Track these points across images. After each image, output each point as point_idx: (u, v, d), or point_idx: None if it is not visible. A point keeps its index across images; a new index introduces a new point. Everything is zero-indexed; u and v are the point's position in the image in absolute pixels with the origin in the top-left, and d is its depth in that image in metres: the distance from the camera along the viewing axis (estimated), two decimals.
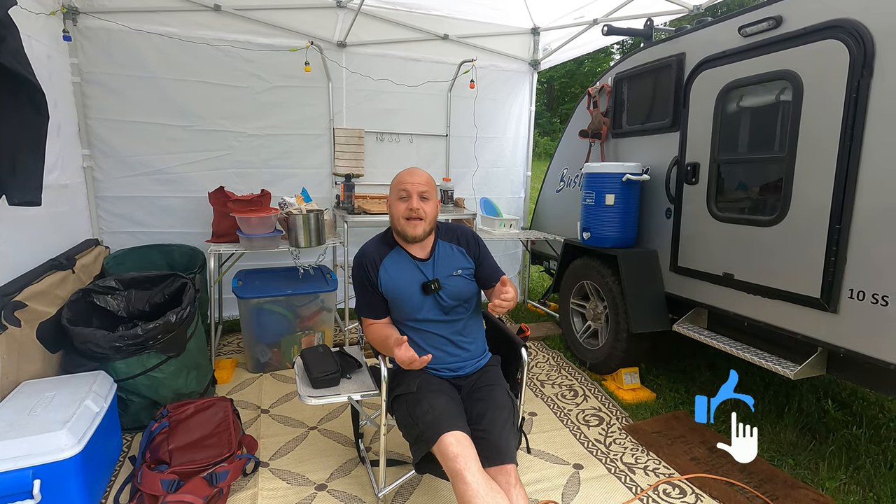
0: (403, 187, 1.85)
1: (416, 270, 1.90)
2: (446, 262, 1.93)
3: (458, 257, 1.96)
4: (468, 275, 1.95)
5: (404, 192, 1.85)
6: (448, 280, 1.90)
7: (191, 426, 2.20)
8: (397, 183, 1.89)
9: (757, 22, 2.39)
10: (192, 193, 3.68)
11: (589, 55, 15.55)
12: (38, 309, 2.26)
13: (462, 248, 1.98)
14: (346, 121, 4.11)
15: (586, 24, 4.13)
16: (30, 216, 2.37)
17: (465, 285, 1.93)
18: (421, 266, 1.91)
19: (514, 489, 1.58)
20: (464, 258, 1.97)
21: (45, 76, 2.75)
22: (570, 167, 4.08)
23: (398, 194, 1.87)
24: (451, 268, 1.92)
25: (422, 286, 1.87)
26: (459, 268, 1.93)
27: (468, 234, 2.03)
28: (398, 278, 1.89)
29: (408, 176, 1.88)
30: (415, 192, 1.84)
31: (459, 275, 1.93)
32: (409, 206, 1.83)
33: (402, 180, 1.87)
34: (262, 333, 3.23)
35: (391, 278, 1.89)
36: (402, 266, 1.91)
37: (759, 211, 2.49)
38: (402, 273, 1.90)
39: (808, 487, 2.21)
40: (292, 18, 3.75)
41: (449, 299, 1.89)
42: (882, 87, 1.96)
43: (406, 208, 1.84)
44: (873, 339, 2.02)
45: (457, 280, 1.91)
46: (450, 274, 1.91)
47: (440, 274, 1.90)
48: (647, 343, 3.12)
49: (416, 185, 1.85)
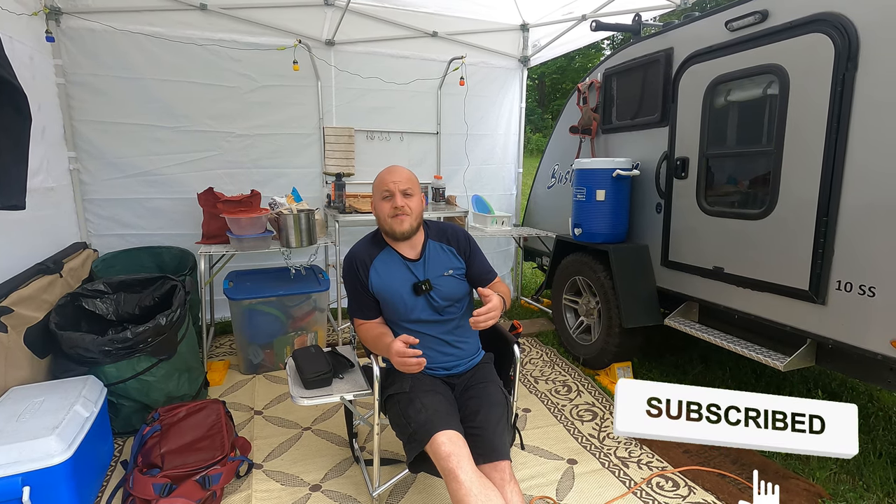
0: (386, 187, 1.86)
1: (406, 271, 1.90)
2: (437, 263, 1.93)
3: (448, 257, 1.95)
4: (459, 275, 1.95)
5: (387, 192, 1.85)
6: (439, 280, 1.89)
7: (183, 429, 2.19)
8: (379, 183, 1.89)
9: (743, 16, 2.41)
10: (181, 195, 3.65)
11: (579, 51, 15.61)
12: (25, 314, 2.23)
13: (452, 248, 1.97)
14: (335, 119, 4.09)
15: (575, 19, 4.13)
16: (15, 220, 2.34)
17: (456, 285, 1.93)
18: (411, 266, 1.90)
19: (508, 485, 1.58)
20: (454, 258, 1.96)
21: (29, 78, 2.71)
22: (561, 163, 4.08)
23: (381, 195, 1.87)
24: (442, 268, 1.92)
25: (413, 287, 1.87)
26: (450, 268, 1.93)
27: (459, 232, 2.02)
28: (389, 279, 1.89)
29: (388, 175, 1.88)
30: (397, 189, 1.84)
31: (451, 275, 1.92)
32: (393, 204, 1.84)
33: (384, 180, 1.88)
34: (254, 334, 3.21)
35: (381, 279, 1.89)
36: (392, 267, 1.90)
37: (748, 204, 2.51)
38: (392, 274, 1.89)
39: (799, 478, 2.23)
40: (279, 17, 3.72)
41: (440, 300, 1.89)
42: (866, 80, 1.98)
43: (391, 207, 1.84)
44: (861, 329, 2.05)
45: (448, 280, 1.91)
46: (440, 274, 1.91)
47: (431, 274, 1.89)
48: (640, 337, 3.14)
49: (398, 183, 1.85)
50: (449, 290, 1.90)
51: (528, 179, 4.90)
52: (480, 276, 1.98)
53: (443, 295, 1.89)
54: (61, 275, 2.66)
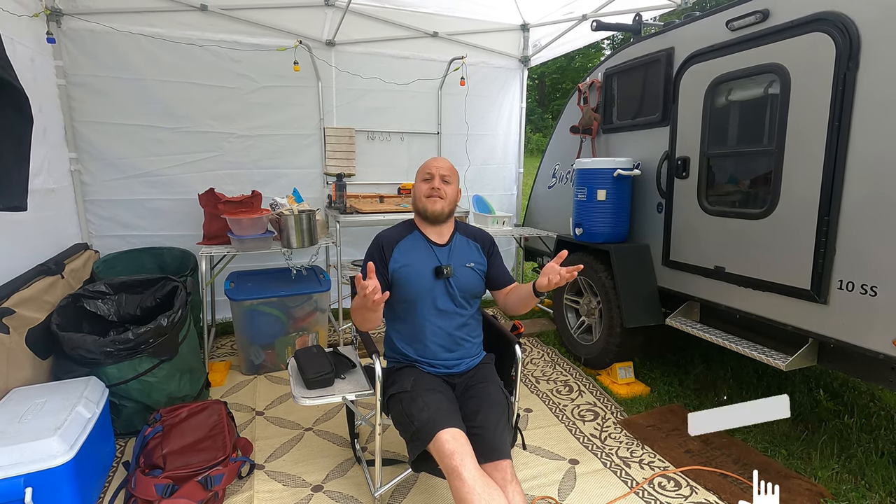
0: (428, 170, 1.99)
1: (431, 254, 1.97)
2: (461, 253, 2.01)
3: (473, 252, 2.04)
4: (480, 271, 2.02)
5: (429, 174, 1.98)
6: (460, 270, 1.96)
7: (185, 430, 2.19)
8: (423, 167, 2.02)
9: (744, 16, 2.40)
10: (182, 195, 3.65)
11: (579, 51, 15.60)
12: (26, 315, 2.23)
13: (478, 245, 2.07)
14: (336, 120, 4.09)
15: (575, 19, 4.13)
16: (16, 221, 2.34)
17: (475, 279, 1.99)
18: (437, 251, 1.97)
19: (509, 485, 1.58)
20: (478, 253, 2.05)
21: (30, 79, 2.71)
22: (561, 163, 4.08)
23: (423, 176, 2.00)
24: (465, 259, 2.00)
25: (434, 269, 1.93)
26: (473, 261, 2.01)
27: (485, 235, 2.13)
28: (412, 256, 1.95)
29: (433, 161, 2.03)
30: (438, 174, 1.97)
31: (472, 267, 1.99)
32: (431, 185, 1.96)
33: (428, 164, 2.01)
34: (255, 335, 3.21)
35: (405, 256, 1.95)
36: (418, 247, 1.98)
37: (749, 204, 2.51)
38: (417, 253, 1.97)
39: (802, 477, 2.23)
40: (280, 18, 3.72)
41: (458, 289, 1.94)
42: (868, 79, 1.97)
43: (428, 187, 1.96)
44: (863, 329, 2.05)
45: (468, 272, 1.98)
46: (463, 264, 1.98)
47: (454, 262, 1.97)
48: (641, 337, 3.14)
49: (440, 168, 1.98)
50: (467, 282, 1.96)
51: (528, 179, 4.90)
52: (499, 278, 2.07)
53: (460, 285, 1.95)
54: (63, 276, 2.66)
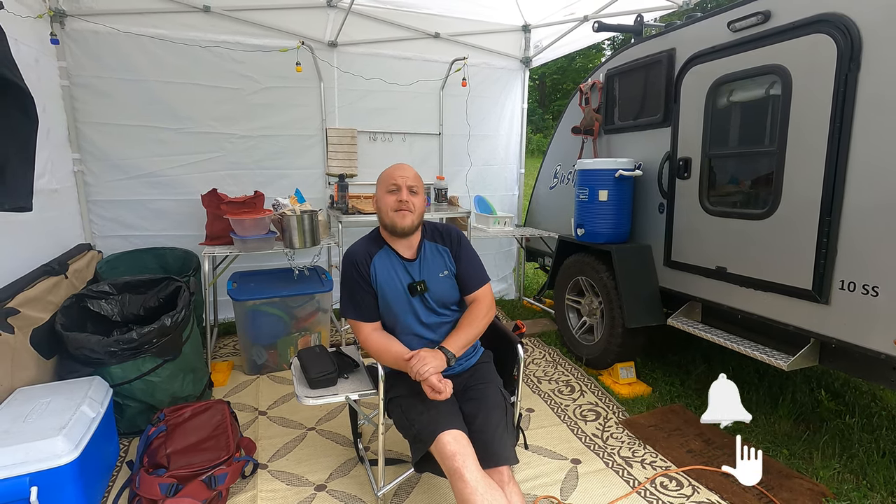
0: (393, 181, 1.85)
1: (403, 271, 1.89)
2: (432, 264, 1.93)
3: (443, 259, 1.95)
4: (452, 276, 1.94)
5: (394, 186, 1.85)
6: (434, 282, 1.89)
7: (188, 429, 2.19)
8: (386, 177, 1.89)
9: (746, 17, 2.41)
10: (185, 196, 3.66)
11: (580, 51, 15.59)
12: (31, 315, 2.24)
13: (446, 248, 1.97)
14: (338, 121, 4.10)
15: (577, 20, 4.14)
16: (20, 222, 2.35)
17: (450, 288, 1.92)
18: (408, 267, 1.90)
19: (507, 486, 1.59)
20: (448, 258, 1.95)
21: (34, 80, 2.72)
22: (563, 164, 4.09)
23: (387, 187, 1.86)
24: (438, 269, 1.92)
25: (408, 287, 1.87)
26: (445, 269, 1.93)
27: (452, 232, 2.00)
28: (387, 277, 1.88)
29: (396, 170, 1.89)
30: (404, 185, 1.84)
31: (445, 276, 1.92)
32: (398, 198, 1.83)
33: (392, 174, 1.88)
34: (257, 335, 3.22)
35: (380, 276, 1.88)
36: (390, 266, 1.90)
37: (751, 204, 2.51)
38: (390, 273, 1.89)
39: (803, 477, 2.24)
40: (282, 19, 3.73)
41: (434, 302, 1.89)
42: (869, 80, 1.98)
43: (395, 200, 1.83)
44: (864, 329, 2.05)
45: (442, 282, 1.91)
46: (436, 275, 1.91)
47: (426, 275, 1.89)
48: (643, 337, 3.14)
49: (406, 179, 1.85)
50: (443, 293, 1.90)
51: (529, 180, 4.91)
52: (465, 278, 1.94)
53: (437, 297, 1.89)
54: (66, 276, 2.67)
